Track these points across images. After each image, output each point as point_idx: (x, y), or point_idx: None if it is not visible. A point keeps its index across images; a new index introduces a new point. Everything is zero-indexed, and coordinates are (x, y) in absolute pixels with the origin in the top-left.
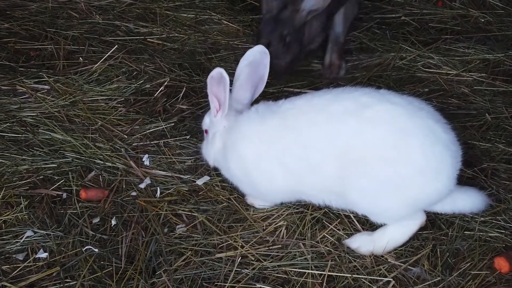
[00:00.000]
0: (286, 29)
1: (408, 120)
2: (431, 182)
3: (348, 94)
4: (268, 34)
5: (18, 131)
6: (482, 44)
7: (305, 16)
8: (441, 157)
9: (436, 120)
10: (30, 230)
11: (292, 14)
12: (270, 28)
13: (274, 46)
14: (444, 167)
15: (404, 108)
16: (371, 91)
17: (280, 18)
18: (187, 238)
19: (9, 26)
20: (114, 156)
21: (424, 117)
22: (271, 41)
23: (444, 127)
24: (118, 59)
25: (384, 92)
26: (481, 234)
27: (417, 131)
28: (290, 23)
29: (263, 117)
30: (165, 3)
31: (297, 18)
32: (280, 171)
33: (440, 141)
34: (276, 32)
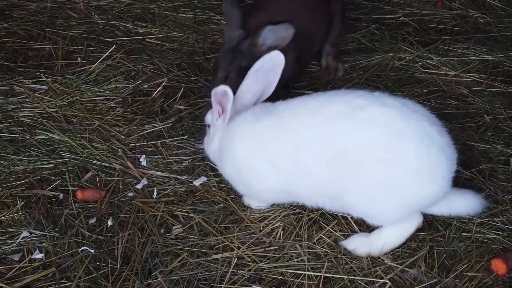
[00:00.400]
0: (246, 61)
1: (403, 122)
2: (426, 184)
3: (342, 97)
4: (226, 66)
5: (15, 131)
6: (482, 45)
7: (266, 51)
8: (436, 160)
9: (431, 123)
10: (26, 231)
11: (251, 47)
12: (229, 59)
13: (232, 78)
14: (439, 169)
15: (398, 110)
16: (365, 93)
17: (240, 49)
18: (183, 239)
19: (7, 26)
20: (111, 156)
21: (419, 119)
22: (229, 72)
23: (439, 130)
24: (116, 59)
25: (378, 94)
26: (478, 235)
27: (411, 133)
28: (250, 55)
29: (258, 117)
30: (164, 3)
31: (257, 51)
32: (272, 171)
33: (435, 143)
34: (235, 63)
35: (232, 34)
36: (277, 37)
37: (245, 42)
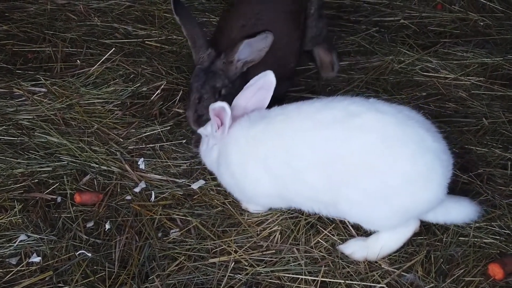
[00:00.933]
0: (220, 82)
1: (397, 129)
2: (421, 191)
3: (337, 103)
4: (199, 88)
5: (14, 134)
6: (481, 48)
7: (241, 67)
8: (431, 166)
9: (427, 129)
10: (23, 234)
11: (225, 65)
12: (202, 81)
13: (206, 100)
14: (434, 176)
15: (393, 117)
16: (360, 100)
17: (213, 70)
18: (181, 243)
19: (7, 28)
20: (109, 159)
21: (414, 126)
22: (202, 95)
23: (435, 136)
24: (115, 62)
25: (373, 101)
26: (476, 240)
27: (406, 140)
28: (224, 75)
29: (253, 122)
30: (164, 5)
31: (232, 69)
32: (266, 176)
33: (430, 150)
34: (208, 85)
35: (202, 55)
36: (253, 50)
37: (218, 61)
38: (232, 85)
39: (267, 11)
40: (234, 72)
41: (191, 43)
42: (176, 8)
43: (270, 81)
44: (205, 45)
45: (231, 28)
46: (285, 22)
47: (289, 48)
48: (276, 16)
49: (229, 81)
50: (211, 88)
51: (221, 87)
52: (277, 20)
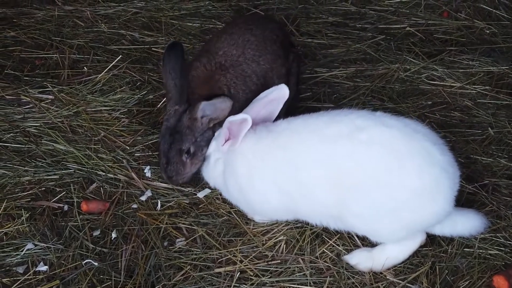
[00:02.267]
0: (187, 143)
1: (404, 143)
2: (428, 205)
3: (343, 117)
4: (166, 152)
5: (21, 141)
6: (487, 56)
7: (207, 123)
8: (438, 180)
9: (433, 142)
10: (30, 243)
11: (191, 122)
12: (168, 144)
13: (174, 164)
14: (441, 189)
15: (399, 131)
16: (367, 114)
17: (178, 130)
18: (186, 252)
19: (15, 34)
20: (116, 167)
21: (421, 139)
22: (169, 159)
23: (441, 149)
24: (122, 69)
25: (380, 114)
26: (481, 251)
27: (413, 154)
28: (191, 132)
29: (259, 136)
30: (170, 11)
31: (198, 125)
32: (274, 190)
33: (437, 163)
34: (175, 148)
35: (169, 108)
36: (215, 109)
37: (184, 117)
38: (202, 137)
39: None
40: (200, 128)
41: (165, 91)
42: (167, 53)
43: (282, 94)
44: (175, 100)
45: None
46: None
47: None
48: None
49: (198, 135)
50: (178, 151)
51: (188, 147)
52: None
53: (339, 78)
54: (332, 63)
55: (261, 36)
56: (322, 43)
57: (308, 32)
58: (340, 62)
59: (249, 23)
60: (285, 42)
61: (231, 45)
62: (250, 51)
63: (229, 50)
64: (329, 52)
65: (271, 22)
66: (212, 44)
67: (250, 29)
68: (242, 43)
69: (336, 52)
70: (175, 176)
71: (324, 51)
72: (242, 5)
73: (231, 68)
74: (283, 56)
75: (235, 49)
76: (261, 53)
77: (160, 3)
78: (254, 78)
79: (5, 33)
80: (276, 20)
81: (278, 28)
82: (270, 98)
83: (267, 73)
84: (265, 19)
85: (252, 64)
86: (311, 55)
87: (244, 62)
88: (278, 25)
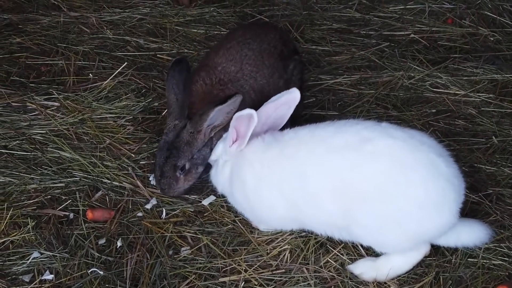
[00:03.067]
0: (183, 159)
1: (410, 155)
2: (433, 217)
3: (350, 127)
4: (161, 165)
5: (27, 149)
6: (491, 64)
7: (209, 132)
8: (443, 192)
9: (439, 154)
10: (36, 251)
11: (193, 135)
12: (164, 157)
13: (167, 178)
14: (447, 201)
15: (405, 143)
16: (372, 125)
17: (176, 145)
18: (191, 261)
19: (21, 40)
20: (121, 175)
21: (426, 151)
22: (164, 172)
23: (447, 161)
24: (127, 76)
25: (385, 125)
26: (485, 261)
27: (418, 165)
28: (190, 148)
29: (267, 145)
30: (175, 18)
31: (200, 138)
32: (281, 200)
33: (442, 175)
34: (170, 163)
35: (169, 123)
36: (221, 114)
37: (184, 132)
38: (199, 154)
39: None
40: (202, 140)
41: (167, 106)
42: (172, 68)
43: (294, 98)
44: (175, 115)
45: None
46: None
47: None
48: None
49: (195, 152)
50: (172, 166)
51: (183, 164)
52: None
53: (344, 85)
54: (337, 70)
55: (258, 50)
56: (327, 50)
57: (312, 39)
58: (345, 69)
59: (246, 37)
60: (285, 51)
61: (230, 60)
62: (248, 67)
63: (227, 66)
64: (334, 59)
65: (270, 32)
66: (211, 59)
67: (248, 43)
68: (240, 58)
69: (340, 59)
70: (167, 190)
71: (329, 58)
72: (247, 11)
73: (230, 84)
74: (281, 68)
75: (233, 65)
76: (258, 68)
77: (165, 9)
78: (252, 94)
79: (10, 39)
80: (277, 27)
81: (278, 38)
82: (282, 101)
83: (264, 87)
84: (264, 29)
85: (250, 80)
86: (315, 62)
87: (242, 78)
88: (277, 34)
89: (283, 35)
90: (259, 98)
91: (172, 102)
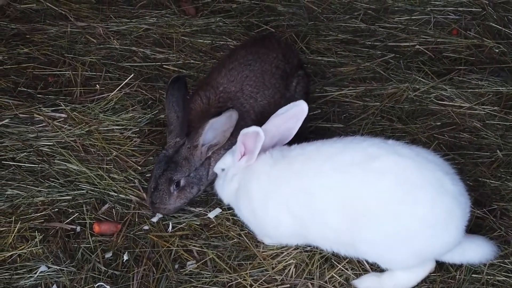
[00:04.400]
0: (179, 174)
1: (416, 173)
2: (439, 234)
3: (356, 145)
4: (157, 177)
5: (34, 161)
6: (496, 76)
7: (206, 151)
8: (450, 210)
9: (445, 172)
10: (44, 265)
11: (190, 151)
12: (161, 170)
13: (160, 191)
14: (453, 219)
15: (412, 160)
16: (379, 142)
17: (175, 160)
18: (197, 275)
19: (28, 51)
20: (127, 188)
21: (433, 169)
22: (158, 185)
23: (453, 179)
24: (134, 87)
25: (392, 143)
26: (489, 277)
27: (425, 183)
28: (188, 164)
29: (275, 160)
30: (181, 28)
31: (197, 154)
32: (287, 215)
33: (449, 193)
34: (165, 176)
35: (170, 140)
36: (217, 132)
37: (183, 149)
38: (196, 173)
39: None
40: (199, 158)
41: (167, 124)
42: (171, 85)
43: (302, 110)
44: (176, 132)
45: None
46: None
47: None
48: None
49: (192, 170)
50: (167, 179)
51: (179, 179)
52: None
53: (349, 97)
54: (342, 81)
55: (260, 71)
56: (332, 61)
57: (318, 49)
58: (350, 81)
59: (248, 58)
60: (287, 69)
61: (231, 81)
62: (248, 87)
63: (228, 87)
64: (339, 71)
65: (272, 51)
66: (213, 78)
67: (249, 65)
68: (241, 79)
69: (345, 71)
70: (158, 204)
71: (334, 69)
72: (253, 22)
73: (230, 102)
74: (284, 87)
75: (234, 86)
76: (259, 89)
77: (171, 19)
78: (252, 114)
79: (18, 50)
80: (280, 43)
81: (280, 58)
82: (290, 114)
83: (265, 108)
84: (266, 48)
85: (250, 100)
86: (321, 73)
87: (242, 97)
88: (280, 53)
89: (286, 53)
90: (259, 118)
91: (173, 120)
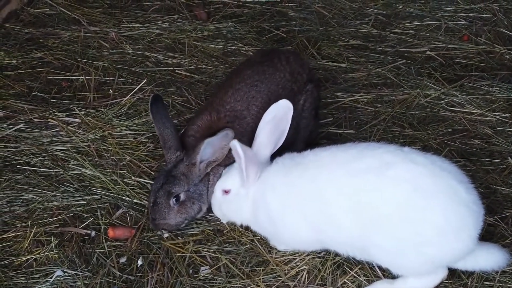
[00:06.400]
0: (178, 187)
1: (431, 181)
2: (452, 242)
3: (372, 151)
4: (155, 191)
5: (49, 165)
6: (507, 82)
7: (204, 168)
8: (463, 218)
9: (459, 181)
10: (59, 270)
11: (188, 168)
12: (159, 184)
13: (159, 205)
14: (466, 228)
15: (426, 168)
16: (395, 149)
17: (174, 175)
18: (211, 281)
19: (42, 55)
20: (141, 193)
21: (447, 177)
22: (156, 199)
23: (467, 187)
24: (146, 92)
25: (408, 150)
26: (500, 285)
27: (439, 191)
28: (186, 179)
29: (288, 168)
30: (193, 33)
31: (195, 171)
32: (304, 222)
33: (463, 202)
34: (164, 189)
35: (170, 156)
36: (215, 150)
37: (181, 164)
38: (195, 188)
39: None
40: (198, 175)
41: (162, 143)
42: (153, 105)
43: (288, 109)
44: (175, 147)
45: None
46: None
47: None
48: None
49: (191, 185)
50: (166, 192)
51: (178, 193)
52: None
53: (360, 103)
54: (353, 87)
55: (266, 92)
56: (343, 67)
57: (329, 55)
58: (361, 87)
59: (254, 78)
60: (295, 88)
61: (237, 101)
62: (254, 108)
63: (235, 106)
64: (350, 76)
65: (279, 71)
66: (219, 97)
67: (255, 85)
68: (247, 99)
69: (357, 76)
70: (158, 219)
71: (345, 75)
72: (264, 27)
73: (236, 121)
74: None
75: (240, 105)
76: (265, 109)
77: (183, 24)
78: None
79: (32, 54)
80: (289, 60)
81: (287, 77)
82: (278, 117)
83: None
84: (274, 68)
85: (256, 120)
86: (332, 79)
87: (249, 115)
88: (287, 72)
89: (294, 70)
90: None
91: (168, 136)
